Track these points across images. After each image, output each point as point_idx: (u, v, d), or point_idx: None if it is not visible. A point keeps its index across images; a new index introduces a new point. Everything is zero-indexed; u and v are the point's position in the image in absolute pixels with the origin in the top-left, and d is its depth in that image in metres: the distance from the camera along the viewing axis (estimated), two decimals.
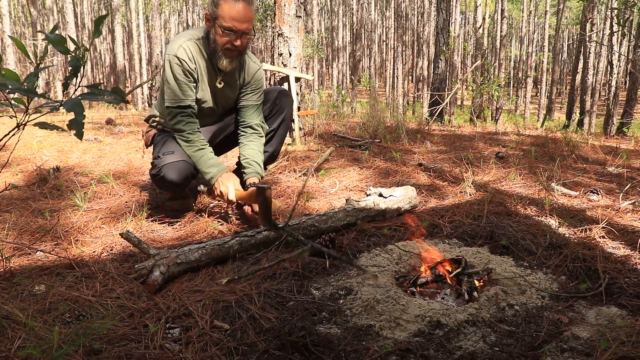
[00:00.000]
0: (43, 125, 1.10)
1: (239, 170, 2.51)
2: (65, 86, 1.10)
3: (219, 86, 2.37)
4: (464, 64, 20.30)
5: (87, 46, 1.07)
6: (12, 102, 1.12)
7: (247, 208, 2.26)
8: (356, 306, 1.49)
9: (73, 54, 1.08)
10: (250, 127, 2.46)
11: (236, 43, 2.15)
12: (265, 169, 2.74)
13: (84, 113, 0.97)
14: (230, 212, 2.49)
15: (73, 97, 1.04)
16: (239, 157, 2.54)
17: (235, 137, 2.54)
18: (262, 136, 2.50)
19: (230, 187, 2.18)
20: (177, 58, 2.18)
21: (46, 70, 19.73)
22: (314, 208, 2.58)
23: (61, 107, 1.05)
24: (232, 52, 2.19)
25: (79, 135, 0.97)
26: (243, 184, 2.39)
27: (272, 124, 2.62)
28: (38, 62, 1.12)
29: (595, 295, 1.57)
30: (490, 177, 3.13)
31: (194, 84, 2.27)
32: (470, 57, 17.74)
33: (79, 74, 1.08)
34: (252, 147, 2.42)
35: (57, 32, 1.09)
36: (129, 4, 23.04)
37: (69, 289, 1.59)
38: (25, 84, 1.05)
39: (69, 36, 1.16)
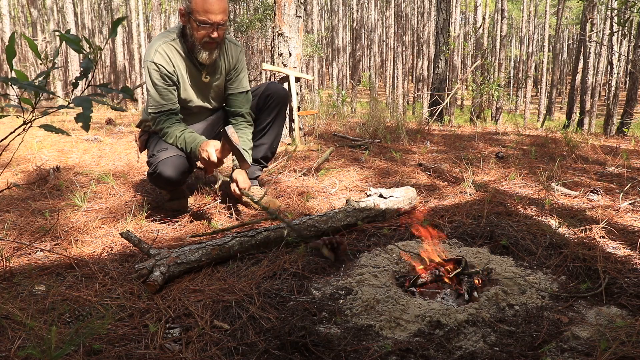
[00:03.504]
0: (48, 128, 1.12)
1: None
2: (75, 85, 1.12)
3: (206, 80, 2.36)
4: (464, 64, 20.32)
5: (100, 45, 1.09)
6: (19, 101, 1.13)
7: (232, 185, 2.30)
8: (356, 306, 1.49)
9: (86, 54, 1.10)
10: (241, 115, 2.47)
11: (213, 35, 2.16)
12: (266, 165, 2.74)
13: (92, 108, 1.00)
14: (217, 194, 2.52)
15: (82, 95, 1.07)
16: None
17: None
18: (251, 124, 2.51)
19: (210, 150, 2.13)
20: (154, 64, 2.19)
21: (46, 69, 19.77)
22: (313, 208, 2.58)
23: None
24: (211, 44, 2.20)
25: (86, 127, 1.01)
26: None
27: (269, 115, 2.60)
28: (49, 62, 1.13)
29: (595, 295, 1.57)
30: (490, 177, 3.13)
31: (174, 87, 2.27)
32: (470, 57, 17.75)
33: (89, 75, 1.10)
34: (240, 136, 2.45)
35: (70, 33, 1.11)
36: (129, 3, 23.04)
37: (69, 289, 1.59)
38: (36, 81, 1.07)
39: (84, 37, 1.18)
